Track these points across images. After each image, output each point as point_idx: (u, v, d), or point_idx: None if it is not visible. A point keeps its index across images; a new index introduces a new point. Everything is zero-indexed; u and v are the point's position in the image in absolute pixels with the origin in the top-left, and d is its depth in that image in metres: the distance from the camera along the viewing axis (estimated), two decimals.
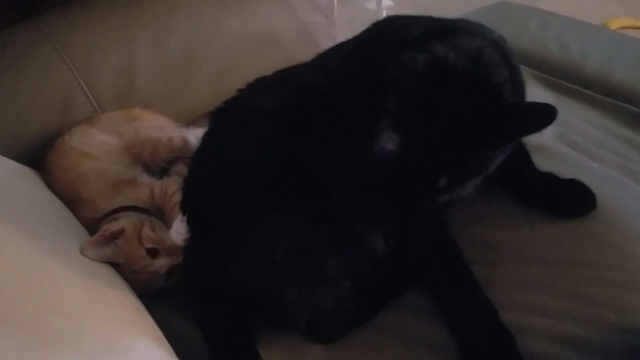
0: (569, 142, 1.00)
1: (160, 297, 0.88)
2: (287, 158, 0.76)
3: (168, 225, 0.94)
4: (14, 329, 0.57)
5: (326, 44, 0.93)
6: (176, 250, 0.88)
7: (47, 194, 0.96)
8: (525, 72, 1.16)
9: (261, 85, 0.89)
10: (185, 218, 0.86)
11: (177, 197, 0.95)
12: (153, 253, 0.88)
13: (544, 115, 0.64)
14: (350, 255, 0.77)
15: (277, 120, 0.79)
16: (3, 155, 0.95)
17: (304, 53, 0.93)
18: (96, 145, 1.01)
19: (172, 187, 0.97)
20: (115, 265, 0.86)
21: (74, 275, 0.74)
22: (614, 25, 2.17)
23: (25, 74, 1.06)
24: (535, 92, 1.17)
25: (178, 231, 0.90)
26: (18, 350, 0.54)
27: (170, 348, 0.74)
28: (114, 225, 0.88)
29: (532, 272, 0.80)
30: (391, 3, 2.69)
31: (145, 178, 1.04)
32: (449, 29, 0.73)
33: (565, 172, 0.87)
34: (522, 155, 0.88)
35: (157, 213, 0.98)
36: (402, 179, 0.67)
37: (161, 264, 0.88)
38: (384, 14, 0.90)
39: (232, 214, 0.78)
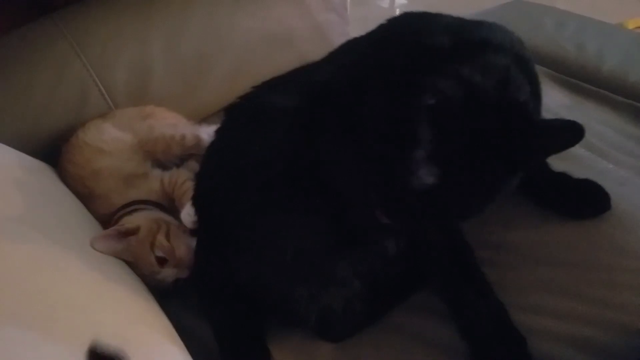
0: (585, 144, 0.98)
1: (172, 294, 0.88)
2: (299, 157, 0.76)
3: (178, 212, 0.95)
4: (26, 323, 0.58)
5: (340, 42, 0.92)
6: (185, 264, 0.88)
7: (62, 188, 0.97)
8: (541, 72, 1.15)
9: (276, 84, 0.89)
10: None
11: (187, 185, 0.96)
12: (162, 261, 0.88)
13: (572, 133, 0.63)
14: (360, 256, 0.77)
15: (291, 119, 0.79)
16: (19, 150, 0.96)
17: (318, 52, 0.92)
18: (110, 142, 1.02)
19: (181, 176, 0.98)
20: (128, 263, 0.87)
21: (87, 271, 0.75)
22: (631, 24, 2.14)
23: (41, 70, 1.07)
24: (551, 93, 1.16)
25: (189, 213, 0.89)
26: (30, 345, 0.55)
27: (182, 344, 0.74)
28: (130, 222, 0.88)
29: (544, 274, 0.79)
30: (404, 1, 2.68)
31: (157, 173, 1.04)
32: (473, 42, 0.72)
33: (580, 173, 0.86)
34: None
35: (168, 203, 0.99)
36: (435, 205, 0.66)
37: (168, 274, 0.88)
38: (397, 13, 0.89)
39: (243, 212, 0.78)
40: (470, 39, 0.72)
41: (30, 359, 0.54)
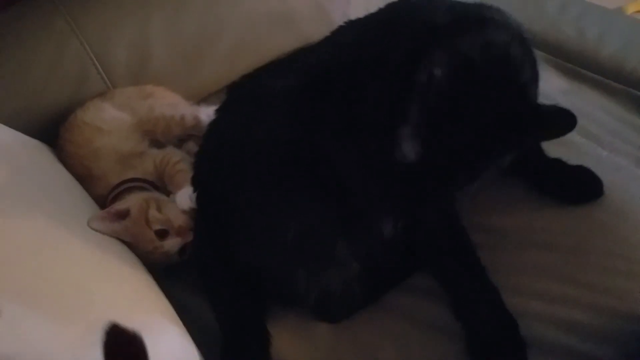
0: (581, 130, 0.98)
1: (172, 274, 0.89)
2: (299, 140, 0.76)
3: (172, 191, 0.95)
4: (28, 302, 0.58)
5: (340, 21, 0.92)
6: (186, 229, 0.89)
7: (61, 168, 0.97)
8: (540, 57, 1.14)
9: (278, 66, 0.89)
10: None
11: (180, 166, 0.95)
12: (162, 234, 0.88)
13: (566, 122, 0.64)
14: (359, 238, 0.77)
15: (292, 101, 0.79)
16: (16, 129, 0.95)
17: (318, 31, 0.92)
18: (109, 121, 1.01)
19: (175, 156, 0.98)
20: (128, 244, 0.87)
21: (87, 250, 0.75)
22: (631, 9, 2.13)
23: (38, 49, 1.05)
24: (549, 78, 1.16)
25: (186, 196, 0.89)
26: (31, 324, 0.56)
27: (182, 324, 0.75)
28: (119, 204, 0.88)
29: (537, 258, 0.80)
30: None
31: (153, 152, 1.03)
32: (473, 18, 0.71)
33: (574, 160, 0.87)
34: None
35: (162, 183, 0.98)
36: (420, 179, 0.66)
37: (172, 244, 0.88)
38: None
39: (244, 194, 0.78)
40: (470, 16, 0.71)
41: (33, 337, 0.55)
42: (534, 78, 0.71)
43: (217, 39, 1.19)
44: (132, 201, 0.89)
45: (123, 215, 0.86)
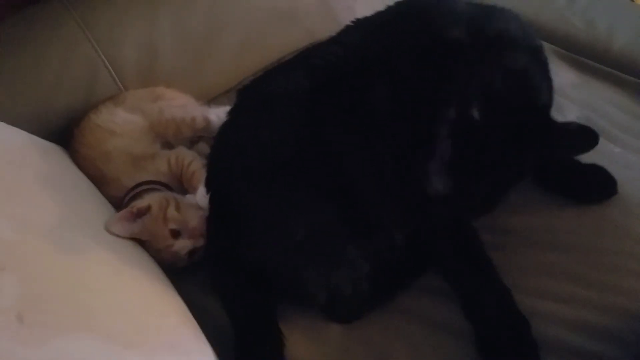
0: (593, 126, 0.98)
1: (187, 273, 0.90)
2: (310, 142, 0.77)
3: (188, 192, 0.97)
4: (47, 304, 0.60)
5: (345, 17, 0.91)
6: (199, 233, 0.90)
7: (75, 170, 0.98)
8: (549, 50, 1.14)
9: (286, 66, 0.89)
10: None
11: (194, 166, 0.97)
12: (176, 234, 0.89)
13: (587, 141, 0.66)
14: (369, 238, 0.78)
15: (301, 105, 0.79)
16: (30, 132, 0.96)
17: (323, 26, 0.92)
18: (121, 124, 1.02)
19: (187, 157, 1.00)
20: (141, 243, 0.88)
21: (103, 253, 0.76)
22: None
23: (49, 51, 1.06)
24: (559, 72, 1.15)
25: (204, 194, 0.91)
26: (52, 327, 0.57)
27: (197, 324, 0.76)
28: (140, 202, 0.89)
29: (549, 258, 0.81)
30: None
31: (164, 153, 1.04)
32: (488, 36, 0.71)
33: (586, 156, 0.85)
34: None
35: (176, 184, 1.00)
36: (450, 207, 0.69)
37: (182, 245, 0.89)
38: None
39: (254, 195, 0.79)
40: (486, 33, 0.71)
41: (52, 346, 0.56)
42: (550, 89, 0.71)
43: (223, 37, 1.19)
44: (153, 198, 0.91)
45: (143, 212, 0.88)
